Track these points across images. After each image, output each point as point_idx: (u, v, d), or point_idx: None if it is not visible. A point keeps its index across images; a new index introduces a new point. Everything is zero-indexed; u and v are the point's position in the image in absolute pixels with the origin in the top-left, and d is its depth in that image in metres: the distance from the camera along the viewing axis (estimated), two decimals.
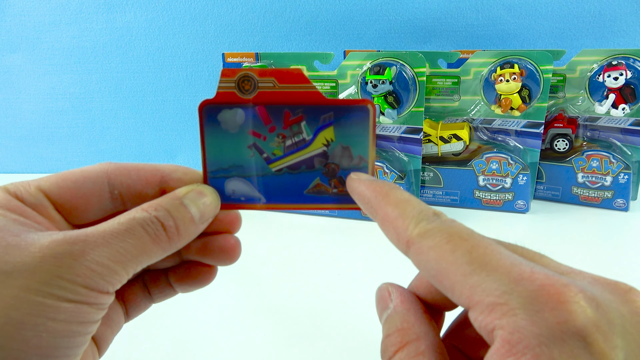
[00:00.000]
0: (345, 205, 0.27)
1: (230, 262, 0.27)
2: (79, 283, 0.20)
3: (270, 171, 0.26)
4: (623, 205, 0.67)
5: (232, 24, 0.82)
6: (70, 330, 0.20)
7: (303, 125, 0.26)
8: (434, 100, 0.69)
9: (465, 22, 0.78)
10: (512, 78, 0.63)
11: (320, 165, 0.26)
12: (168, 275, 0.28)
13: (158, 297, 0.28)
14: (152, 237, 0.23)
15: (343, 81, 0.67)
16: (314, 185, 0.27)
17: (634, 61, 0.63)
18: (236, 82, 0.25)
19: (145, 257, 0.22)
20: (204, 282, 0.28)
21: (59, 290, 0.19)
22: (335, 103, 0.26)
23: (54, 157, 0.93)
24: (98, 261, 0.20)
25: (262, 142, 0.26)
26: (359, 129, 0.26)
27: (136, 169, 0.26)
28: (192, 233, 0.25)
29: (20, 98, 0.89)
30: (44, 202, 0.24)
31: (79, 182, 0.25)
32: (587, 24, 0.75)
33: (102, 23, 0.83)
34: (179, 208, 0.24)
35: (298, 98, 0.25)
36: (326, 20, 0.80)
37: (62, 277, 0.20)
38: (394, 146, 0.67)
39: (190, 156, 0.91)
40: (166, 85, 0.86)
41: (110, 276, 0.21)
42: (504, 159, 0.66)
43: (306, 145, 0.26)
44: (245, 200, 0.27)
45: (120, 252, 0.21)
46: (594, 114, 0.67)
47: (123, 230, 0.22)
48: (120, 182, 0.26)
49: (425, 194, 0.72)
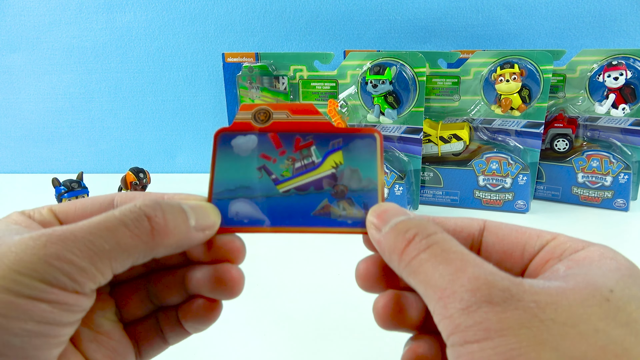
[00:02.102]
0: (353, 229, 0.26)
1: (232, 294, 0.25)
2: (37, 278, 0.19)
3: (277, 192, 0.26)
4: (623, 205, 0.67)
5: (232, 24, 0.82)
6: (25, 329, 0.18)
7: (313, 149, 0.27)
8: (434, 100, 0.69)
9: (465, 22, 0.78)
10: (512, 78, 0.63)
11: (329, 187, 0.26)
12: (177, 313, 0.27)
13: (171, 338, 0.27)
14: (131, 230, 0.21)
15: (343, 81, 0.67)
16: (322, 206, 0.26)
17: (634, 61, 0.63)
18: (253, 115, 0.27)
19: (122, 253, 0.21)
20: (208, 318, 0.26)
21: (15, 285, 0.18)
22: (345, 131, 0.27)
23: (54, 157, 0.93)
24: (59, 256, 0.19)
25: (272, 164, 0.27)
26: (367, 154, 0.27)
27: (142, 195, 0.26)
28: (184, 235, 0.23)
29: (20, 98, 0.89)
30: (52, 220, 0.24)
31: (86, 205, 0.25)
32: (587, 24, 0.75)
33: (102, 23, 0.83)
34: (174, 206, 0.23)
35: (309, 126, 0.27)
36: (326, 20, 0.80)
37: (20, 272, 0.18)
38: (394, 146, 0.67)
39: (190, 156, 0.91)
40: (166, 85, 0.86)
41: (75, 273, 0.19)
42: (504, 159, 0.66)
43: (315, 168, 0.27)
44: (249, 223, 0.26)
45: (89, 246, 0.20)
46: (594, 114, 0.67)
47: (95, 224, 0.21)
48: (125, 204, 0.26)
49: (425, 194, 0.72)
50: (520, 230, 0.24)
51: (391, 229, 0.23)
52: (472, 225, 0.25)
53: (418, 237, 0.21)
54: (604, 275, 0.19)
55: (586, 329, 0.17)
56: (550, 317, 0.17)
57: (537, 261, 0.23)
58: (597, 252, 0.21)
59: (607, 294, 0.18)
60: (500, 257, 0.24)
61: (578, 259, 0.21)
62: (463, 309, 0.18)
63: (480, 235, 0.25)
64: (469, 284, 0.19)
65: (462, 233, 0.25)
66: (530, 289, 0.18)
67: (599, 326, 0.17)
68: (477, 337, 0.18)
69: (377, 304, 0.25)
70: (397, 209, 0.24)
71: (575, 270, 0.20)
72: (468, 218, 0.25)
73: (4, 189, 0.86)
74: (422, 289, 0.20)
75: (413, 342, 0.25)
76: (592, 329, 0.17)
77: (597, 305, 0.18)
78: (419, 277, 0.21)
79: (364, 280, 0.26)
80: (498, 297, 0.18)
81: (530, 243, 0.23)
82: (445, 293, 0.19)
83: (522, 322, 0.17)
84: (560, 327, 0.17)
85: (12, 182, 0.89)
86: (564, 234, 0.23)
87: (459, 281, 0.19)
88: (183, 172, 0.92)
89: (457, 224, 0.25)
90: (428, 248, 0.21)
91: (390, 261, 0.23)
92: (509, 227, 0.24)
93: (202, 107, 0.87)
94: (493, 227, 0.25)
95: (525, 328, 0.17)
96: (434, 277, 0.20)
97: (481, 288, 0.18)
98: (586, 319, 0.17)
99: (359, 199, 0.26)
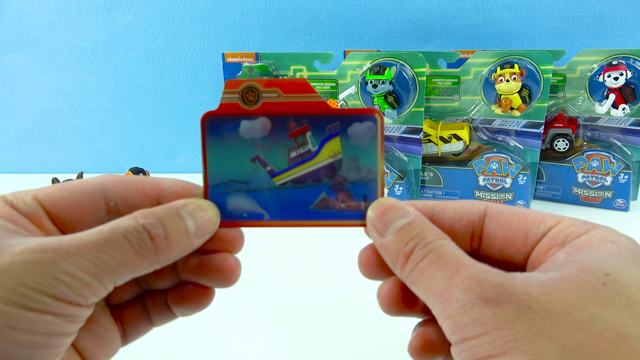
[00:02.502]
0: (353, 222, 0.25)
1: (228, 284, 0.26)
2: (44, 292, 0.19)
3: (274, 185, 0.25)
4: (623, 205, 0.67)
5: (232, 24, 0.82)
6: (32, 341, 0.19)
7: (308, 136, 0.25)
8: (434, 100, 0.69)
9: (465, 22, 0.77)
10: (512, 78, 0.63)
11: (326, 179, 0.25)
12: (167, 298, 0.27)
13: (158, 320, 0.27)
14: (136, 248, 0.21)
15: (343, 81, 0.67)
16: (320, 199, 0.26)
17: (634, 61, 0.63)
18: (240, 94, 0.25)
19: (127, 269, 0.21)
20: (200, 305, 0.27)
21: (22, 298, 0.19)
22: (342, 113, 0.25)
23: (54, 157, 0.93)
24: (67, 271, 0.19)
25: (266, 154, 0.25)
26: (367, 140, 0.25)
27: (134, 181, 0.25)
28: (185, 246, 0.23)
29: (20, 98, 0.89)
30: (38, 211, 0.24)
31: (75, 193, 0.24)
32: (587, 24, 0.75)
33: (102, 23, 0.83)
34: (174, 218, 0.23)
35: (303, 108, 0.25)
36: (326, 20, 0.80)
37: (27, 286, 0.19)
38: (394, 146, 0.67)
39: (190, 156, 0.91)
40: (166, 85, 0.86)
41: (81, 288, 0.20)
42: (504, 159, 0.66)
43: (312, 157, 0.25)
44: (248, 217, 0.26)
45: (96, 263, 0.20)
46: (594, 114, 0.67)
47: (102, 240, 0.21)
48: (116, 194, 0.25)
49: (425, 194, 0.72)
50: (523, 215, 0.24)
51: (393, 236, 0.23)
52: (472, 210, 0.25)
53: (417, 247, 0.22)
54: (601, 259, 0.19)
55: (581, 316, 0.17)
56: (545, 308, 0.18)
57: (540, 248, 0.23)
58: (599, 235, 0.21)
59: (603, 278, 0.18)
60: (502, 244, 0.24)
61: (579, 244, 0.21)
62: (460, 308, 0.19)
63: (481, 221, 0.25)
64: (462, 284, 0.19)
65: (462, 220, 0.25)
66: (523, 282, 0.19)
67: (595, 312, 0.17)
68: (476, 333, 0.18)
69: (381, 290, 0.25)
70: (398, 207, 0.24)
71: (573, 258, 0.20)
72: (469, 202, 0.25)
73: (4, 189, 0.85)
74: (424, 296, 0.21)
75: (421, 327, 0.25)
76: (587, 315, 0.17)
77: (592, 292, 0.18)
78: (420, 286, 0.21)
79: (367, 267, 0.26)
80: (491, 293, 0.18)
81: (533, 229, 0.23)
82: (443, 296, 0.20)
83: (516, 315, 0.18)
84: (555, 317, 0.17)
85: (12, 182, 0.88)
86: (569, 217, 0.23)
87: (454, 283, 0.20)
88: (183, 172, 0.92)
89: (457, 210, 0.25)
90: (425, 257, 0.21)
91: (393, 269, 0.23)
92: (510, 211, 0.24)
93: (202, 107, 0.87)
94: (494, 212, 0.25)
95: (520, 320, 0.17)
96: (432, 283, 0.21)
97: (473, 286, 0.19)
98: (581, 306, 0.17)
99: (358, 190, 0.25)
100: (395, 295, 0.25)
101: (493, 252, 0.25)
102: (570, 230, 0.22)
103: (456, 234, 0.25)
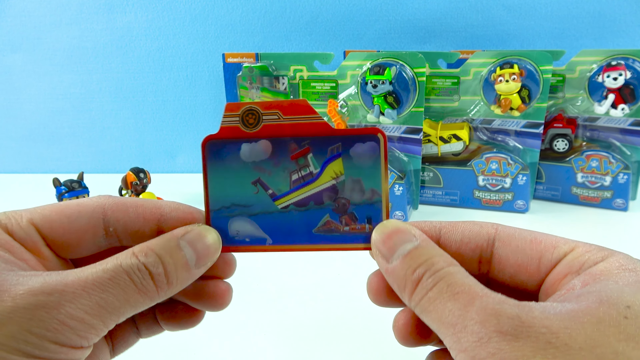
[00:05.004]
0: (357, 246, 0.25)
1: (219, 309, 0.26)
2: (49, 339, 0.19)
3: (276, 209, 0.25)
4: (622, 205, 0.67)
5: (232, 24, 0.82)
6: None
7: (310, 157, 0.25)
8: (433, 101, 0.69)
9: (465, 22, 0.78)
10: (512, 78, 0.63)
11: (329, 201, 0.25)
12: (155, 312, 0.27)
13: (145, 333, 0.27)
14: (139, 287, 0.21)
15: (343, 81, 0.67)
16: (323, 222, 0.25)
17: (633, 61, 0.63)
18: (240, 117, 0.24)
19: (129, 308, 0.21)
20: (189, 324, 0.27)
21: (26, 346, 0.18)
22: (344, 133, 0.24)
23: (54, 157, 0.93)
24: (73, 315, 0.19)
25: (267, 177, 0.25)
26: (370, 161, 0.24)
27: (135, 206, 0.25)
28: (185, 279, 0.23)
29: (21, 98, 0.89)
30: (34, 237, 0.23)
31: (72, 217, 0.24)
32: (587, 24, 0.75)
33: (102, 23, 0.84)
34: (173, 252, 0.23)
35: (304, 129, 0.24)
36: (326, 20, 0.80)
37: (31, 332, 0.18)
38: (394, 146, 0.67)
39: (190, 156, 0.91)
40: (166, 85, 0.86)
41: (85, 331, 0.20)
42: (504, 159, 0.66)
43: (314, 180, 0.25)
44: (251, 242, 0.25)
45: (101, 304, 0.20)
46: (594, 114, 0.67)
47: (107, 279, 0.20)
48: (116, 219, 0.24)
49: (425, 194, 0.72)
50: (535, 241, 0.23)
51: (399, 262, 0.22)
52: (480, 234, 0.24)
53: (425, 275, 0.21)
54: (620, 290, 0.18)
55: (604, 352, 0.17)
56: (565, 343, 0.17)
57: (555, 275, 0.22)
58: (616, 263, 0.20)
59: (625, 311, 0.17)
60: (514, 270, 0.23)
61: (595, 273, 0.20)
62: (476, 341, 0.18)
63: (490, 246, 0.24)
64: (478, 316, 0.19)
65: (470, 244, 0.24)
66: (541, 314, 0.18)
67: (618, 348, 0.17)
68: None
69: (398, 322, 0.24)
70: (403, 231, 0.23)
71: (591, 288, 0.19)
72: (477, 224, 0.24)
73: (4, 189, 0.86)
74: (436, 327, 0.20)
75: (434, 358, 0.24)
76: (610, 351, 0.17)
77: (614, 326, 0.17)
78: (431, 316, 0.20)
79: (376, 295, 0.25)
80: (508, 326, 0.18)
81: (547, 255, 0.22)
82: (457, 328, 0.19)
83: (535, 350, 0.17)
84: (577, 353, 0.17)
85: (13, 182, 0.89)
86: (583, 243, 0.22)
87: (468, 315, 0.19)
88: (183, 172, 0.92)
89: (465, 233, 0.24)
90: (435, 286, 0.21)
91: (401, 296, 0.22)
92: (522, 236, 0.23)
93: (203, 108, 0.88)
94: (505, 237, 0.24)
95: (540, 356, 0.17)
96: (444, 314, 0.20)
97: (489, 318, 0.18)
98: (603, 341, 0.17)
99: (362, 212, 0.25)
100: (411, 326, 0.24)
101: (504, 278, 0.24)
102: (586, 257, 0.21)
103: (464, 257, 0.24)
